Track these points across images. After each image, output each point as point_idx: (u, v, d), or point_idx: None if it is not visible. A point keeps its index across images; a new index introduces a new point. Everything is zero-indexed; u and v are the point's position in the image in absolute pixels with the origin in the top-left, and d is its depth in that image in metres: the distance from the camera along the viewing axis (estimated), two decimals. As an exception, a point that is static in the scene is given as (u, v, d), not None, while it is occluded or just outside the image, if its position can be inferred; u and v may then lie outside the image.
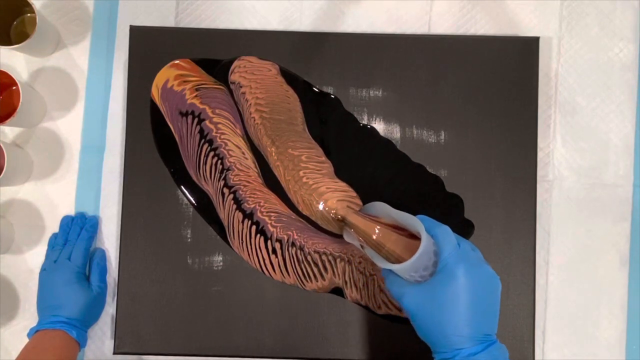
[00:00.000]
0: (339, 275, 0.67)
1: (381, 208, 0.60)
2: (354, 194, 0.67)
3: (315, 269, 0.67)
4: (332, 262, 0.67)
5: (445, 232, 0.54)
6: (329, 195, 0.67)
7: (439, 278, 0.52)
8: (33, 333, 0.64)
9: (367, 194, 0.67)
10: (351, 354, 0.67)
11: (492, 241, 0.68)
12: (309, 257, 0.67)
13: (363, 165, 0.68)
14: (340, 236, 0.67)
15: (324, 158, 0.68)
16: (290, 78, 0.69)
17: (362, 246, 0.59)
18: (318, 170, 0.68)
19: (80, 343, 0.65)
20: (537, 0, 0.71)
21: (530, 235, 0.68)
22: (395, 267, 0.53)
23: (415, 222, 0.54)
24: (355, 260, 0.67)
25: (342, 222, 0.63)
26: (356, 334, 0.67)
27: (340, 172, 0.68)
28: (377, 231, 0.58)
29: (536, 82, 0.69)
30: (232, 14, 0.72)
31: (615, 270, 0.70)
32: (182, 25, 0.72)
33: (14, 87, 0.68)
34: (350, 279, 0.67)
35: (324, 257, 0.67)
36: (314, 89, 0.69)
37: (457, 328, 0.50)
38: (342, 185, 0.68)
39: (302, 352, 0.67)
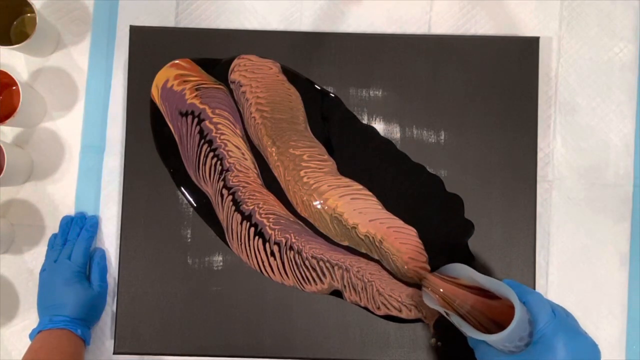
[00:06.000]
0: (337, 280, 0.67)
1: (463, 270, 0.59)
2: (359, 186, 0.67)
3: (313, 273, 0.67)
4: (330, 269, 0.67)
5: (539, 300, 0.52)
6: (330, 194, 0.67)
7: (537, 349, 0.50)
8: (36, 334, 0.64)
9: (367, 194, 0.67)
10: (351, 354, 0.67)
11: (492, 241, 0.68)
12: (307, 262, 0.67)
13: (363, 165, 0.68)
14: (336, 243, 0.67)
15: (326, 156, 0.68)
16: (292, 76, 0.69)
17: (447, 313, 0.57)
18: (320, 168, 0.67)
19: (86, 341, 0.65)
20: (537, 0, 0.71)
21: (530, 235, 0.68)
22: (489, 338, 0.51)
23: (504, 289, 0.52)
24: (353, 269, 0.67)
25: (422, 283, 0.63)
26: (356, 334, 0.67)
27: (342, 171, 0.68)
28: (447, 288, 0.57)
29: (536, 82, 0.69)
30: (232, 14, 0.72)
31: (615, 270, 0.70)
32: (182, 25, 0.72)
33: (14, 87, 0.68)
34: (348, 283, 0.67)
35: (321, 264, 0.67)
36: (316, 86, 0.69)
37: None
38: (346, 181, 0.67)
39: (302, 352, 0.67)
